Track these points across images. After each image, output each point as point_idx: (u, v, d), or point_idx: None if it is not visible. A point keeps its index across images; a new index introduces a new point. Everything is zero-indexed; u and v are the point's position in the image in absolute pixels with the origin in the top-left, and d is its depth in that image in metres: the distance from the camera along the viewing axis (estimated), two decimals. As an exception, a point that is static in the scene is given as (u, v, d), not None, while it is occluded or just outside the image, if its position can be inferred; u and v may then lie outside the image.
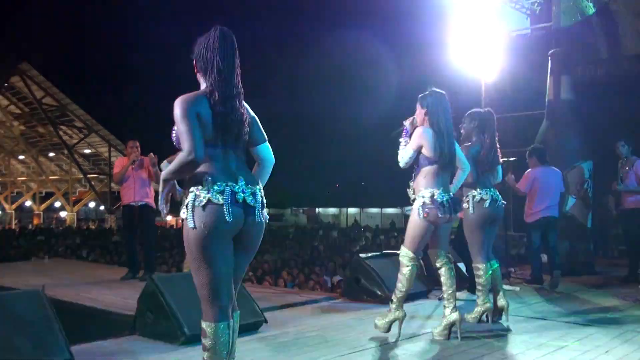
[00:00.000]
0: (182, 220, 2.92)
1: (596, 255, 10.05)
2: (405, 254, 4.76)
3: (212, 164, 2.92)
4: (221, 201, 2.85)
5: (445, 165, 4.69)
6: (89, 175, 37.93)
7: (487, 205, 5.30)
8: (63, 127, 36.12)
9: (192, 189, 2.90)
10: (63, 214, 43.54)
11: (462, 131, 5.59)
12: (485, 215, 5.35)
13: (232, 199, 2.88)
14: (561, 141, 9.20)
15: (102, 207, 41.96)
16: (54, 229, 27.11)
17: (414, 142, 4.67)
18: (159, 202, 3.00)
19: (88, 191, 40.59)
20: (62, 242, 17.74)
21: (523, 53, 10.76)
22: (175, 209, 3.09)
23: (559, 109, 9.41)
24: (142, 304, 4.86)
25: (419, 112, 4.79)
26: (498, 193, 5.46)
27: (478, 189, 5.35)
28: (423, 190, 4.65)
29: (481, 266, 5.36)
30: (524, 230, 9.22)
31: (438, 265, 4.86)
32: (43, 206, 43.14)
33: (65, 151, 36.78)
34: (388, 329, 4.78)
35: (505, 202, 5.56)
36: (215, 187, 2.87)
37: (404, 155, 4.71)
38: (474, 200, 5.32)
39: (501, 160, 5.71)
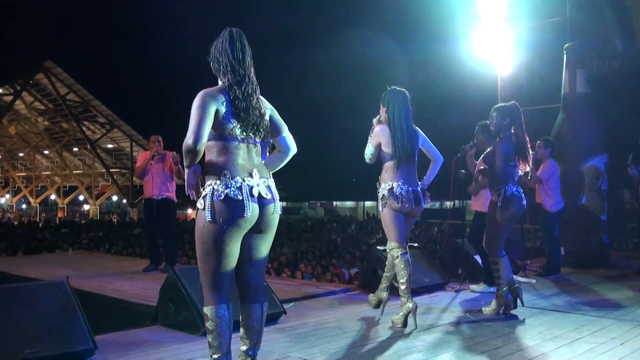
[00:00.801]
0: (197, 209, 2.97)
1: (611, 247, 9.95)
2: (390, 247, 4.94)
3: (230, 157, 2.97)
4: (240, 197, 2.91)
5: (405, 159, 4.86)
6: (111, 170, 38.23)
7: (517, 202, 5.30)
8: (86, 123, 36.44)
9: (209, 182, 2.97)
10: (86, 207, 43.96)
11: (491, 127, 5.55)
12: (514, 212, 5.34)
13: (249, 193, 2.95)
14: (577, 134, 9.12)
15: (124, 201, 42.29)
16: (77, 222, 27.36)
17: (373, 139, 4.96)
18: (186, 189, 3.06)
19: (110, 185, 40.95)
20: (85, 234, 17.86)
21: (538, 46, 10.64)
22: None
23: (575, 102, 9.31)
24: (164, 294, 4.89)
25: (381, 111, 5.00)
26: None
27: (510, 185, 5.32)
28: (383, 184, 4.92)
29: (500, 260, 5.31)
30: (538, 223, 9.15)
31: (391, 254, 4.99)
32: (67, 200, 43.59)
33: (88, 146, 37.12)
34: (405, 323, 4.77)
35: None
36: (233, 182, 2.92)
37: (366, 152, 5.00)
38: (506, 195, 5.28)
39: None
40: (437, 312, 5.51)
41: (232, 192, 2.91)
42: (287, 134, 3.29)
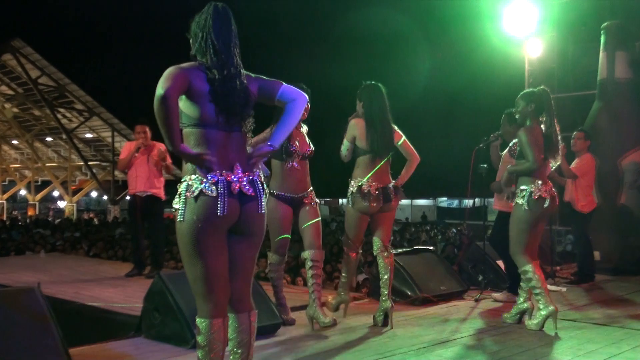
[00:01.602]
0: (174, 210, 2.97)
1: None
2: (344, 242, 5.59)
3: (208, 149, 2.94)
4: (214, 193, 2.90)
5: (379, 155, 5.24)
6: (90, 163, 38.24)
7: (546, 204, 5.26)
8: (61, 110, 36.42)
9: (185, 177, 2.98)
10: (61, 204, 44.00)
11: (516, 116, 5.55)
12: (541, 215, 5.32)
13: (227, 189, 2.93)
14: (615, 125, 9.10)
15: (104, 197, 42.36)
16: (51, 221, 27.41)
17: (348, 133, 5.30)
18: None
19: (89, 180, 40.96)
20: (60, 235, 17.90)
21: (573, 25, 10.61)
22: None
23: (613, 88, 9.29)
24: (148, 303, 4.89)
25: (358, 106, 5.35)
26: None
27: (538, 182, 5.26)
28: (353, 181, 5.31)
29: (528, 267, 5.28)
30: (568, 224, 9.15)
31: (374, 253, 5.51)
32: (39, 196, 43.58)
33: (64, 136, 37.08)
34: (336, 308, 5.70)
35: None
36: (209, 177, 2.91)
37: (342, 147, 5.34)
38: (531, 196, 5.24)
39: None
40: (455, 324, 5.50)
41: (206, 188, 2.90)
42: (283, 89, 3.17)
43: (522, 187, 5.33)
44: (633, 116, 9.10)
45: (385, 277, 5.34)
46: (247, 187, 2.99)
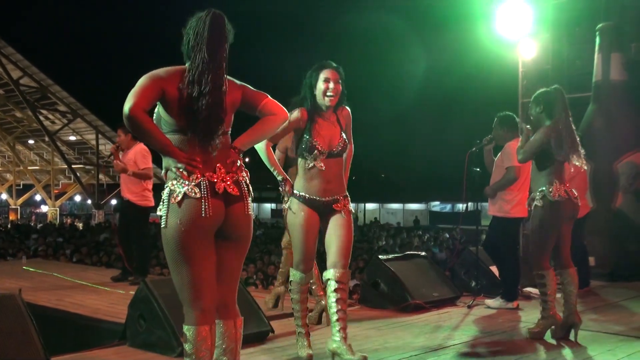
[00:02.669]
0: (159, 217, 2.98)
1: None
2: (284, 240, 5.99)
3: (189, 152, 2.95)
4: (198, 195, 2.91)
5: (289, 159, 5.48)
6: (73, 166, 38.06)
7: (562, 204, 5.17)
8: (44, 112, 36.24)
9: (168, 183, 2.98)
10: (44, 208, 43.80)
11: (531, 118, 5.49)
12: (562, 216, 5.21)
13: (210, 191, 2.93)
14: (610, 128, 9.14)
15: (89, 202, 42.18)
16: (33, 226, 27.26)
17: (280, 144, 5.44)
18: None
19: (73, 183, 40.78)
20: (42, 240, 17.82)
21: (567, 26, 10.65)
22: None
23: (608, 91, 9.34)
24: (134, 310, 4.88)
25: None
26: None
27: (556, 182, 5.16)
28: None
29: (545, 273, 5.26)
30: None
31: (282, 247, 6.11)
32: (20, 200, 43.39)
33: (47, 138, 36.91)
34: (275, 304, 6.10)
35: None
36: (191, 180, 2.93)
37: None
38: (549, 197, 5.14)
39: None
40: (448, 331, 5.51)
41: (189, 190, 2.91)
42: (266, 101, 3.20)
43: (540, 189, 5.21)
44: (628, 118, 9.14)
45: (285, 268, 5.95)
46: (232, 187, 3.00)
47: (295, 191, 4.41)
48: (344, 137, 4.43)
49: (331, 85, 4.28)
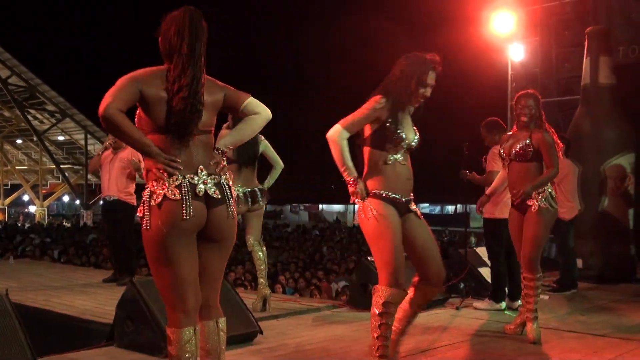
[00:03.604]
0: (140, 219, 2.97)
1: (638, 260, 10.02)
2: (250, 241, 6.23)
3: (171, 154, 2.94)
4: (178, 196, 2.90)
5: (244, 163, 5.98)
6: (62, 166, 37.97)
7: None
8: (32, 111, 36.15)
9: (148, 184, 2.97)
10: (32, 208, 43.62)
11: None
12: (555, 218, 5.33)
13: (191, 192, 2.93)
14: (598, 130, 9.17)
15: (77, 202, 42.03)
16: (20, 226, 27.14)
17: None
18: None
19: (61, 183, 40.68)
20: (30, 240, 17.74)
21: (556, 30, 10.71)
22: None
23: (597, 94, 9.37)
24: (121, 310, 4.86)
25: (229, 118, 5.80)
26: None
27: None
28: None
29: (539, 275, 5.24)
30: (550, 232, 9.22)
31: (249, 249, 6.30)
32: (8, 200, 43.19)
33: (35, 138, 36.79)
34: (264, 307, 6.20)
35: None
36: (171, 181, 2.91)
37: None
38: (552, 196, 5.21)
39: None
40: (436, 333, 5.52)
41: (169, 192, 2.90)
42: (248, 101, 3.18)
43: (542, 190, 5.18)
44: (616, 122, 9.17)
45: (262, 267, 6.29)
46: (213, 189, 2.99)
47: (373, 191, 3.94)
48: (416, 130, 4.16)
49: (429, 91, 4.07)
